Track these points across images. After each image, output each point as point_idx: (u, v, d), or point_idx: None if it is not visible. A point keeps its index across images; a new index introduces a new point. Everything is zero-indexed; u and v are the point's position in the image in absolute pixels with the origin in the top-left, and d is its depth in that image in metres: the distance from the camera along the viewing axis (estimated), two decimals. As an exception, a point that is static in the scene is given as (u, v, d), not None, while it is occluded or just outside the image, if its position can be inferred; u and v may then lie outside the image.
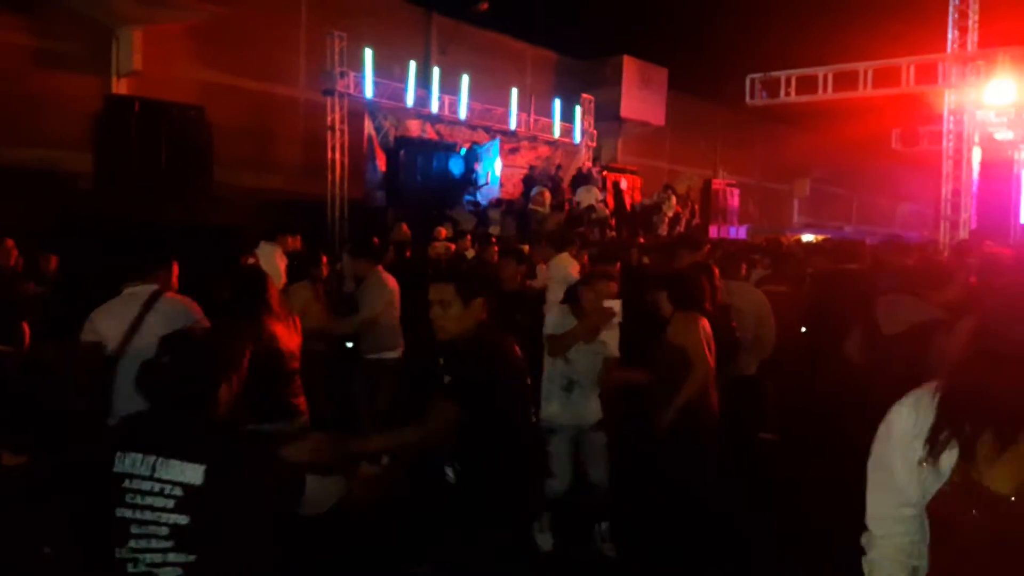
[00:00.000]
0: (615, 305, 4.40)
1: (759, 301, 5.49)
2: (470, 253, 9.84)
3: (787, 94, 16.34)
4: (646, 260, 8.37)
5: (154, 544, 2.09)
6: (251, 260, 6.68)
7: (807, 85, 16.10)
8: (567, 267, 6.74)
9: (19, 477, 2.75)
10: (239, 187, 13.37)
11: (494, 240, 9.63)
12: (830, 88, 15.79)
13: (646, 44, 22.50)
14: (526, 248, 8.54)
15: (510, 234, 14.11)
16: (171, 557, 2.09)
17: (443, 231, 12.05)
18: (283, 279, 6.79)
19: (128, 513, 2.11)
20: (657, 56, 23.74)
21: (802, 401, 5.42)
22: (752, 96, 16.66)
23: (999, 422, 1.54)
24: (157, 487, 2.10)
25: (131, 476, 2.12)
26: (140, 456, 2.13)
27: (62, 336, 3.84)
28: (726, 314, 5.15)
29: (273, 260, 6.98)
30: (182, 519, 2.09)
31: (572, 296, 4.69)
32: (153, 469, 2.11)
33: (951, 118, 15.21)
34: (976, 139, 15.62)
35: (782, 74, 16.31)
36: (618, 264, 6.05)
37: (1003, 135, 17.85)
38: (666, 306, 4.48)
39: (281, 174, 15.97)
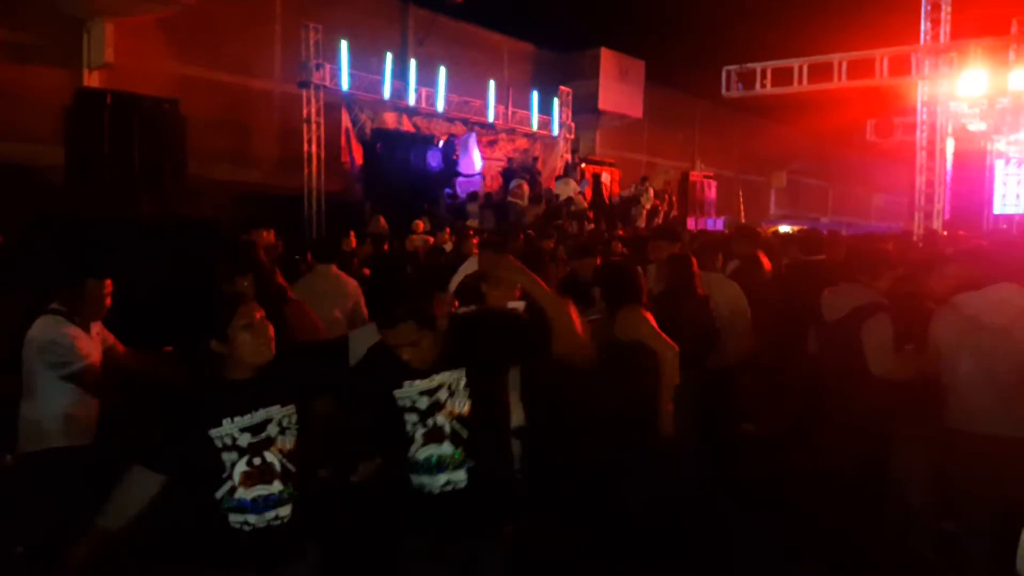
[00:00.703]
0: (519, 307, 3.82)
1: (734, 293, 5.51)
2: (448, 246, 9.83)
3: (763, 86, 16.41)
4: (625, 252, 8.39)
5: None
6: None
7: (782, 77, 16.17)
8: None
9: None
10: (214, 181, 13.22)
11: (472, 233, 9.61)
12: (805, 80, 15.87)
13: (623, 36, 22.52)
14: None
15: (489, 227, 14.09)
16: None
17: (420, 224, 12.03)
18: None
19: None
20: (634, 48, 23.76)
21: (774, 393, 5.47)
22: (728, 88, 16.71)
23: None
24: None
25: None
26: None
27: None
28: (705, 305, 5.16)
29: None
30: None
31: (472, 295, 4.12)
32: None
33: (924, 109, 15.35)
34: (949, 130, 15.79)
35: (758, 66, 16.37)
36: (598, 258, 6.05)
37: (976, 126, 18.07)
38: (600, 303, 4.33)
39: (257, 167, 15.84)
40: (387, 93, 16.60)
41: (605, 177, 19.81)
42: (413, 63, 17.39)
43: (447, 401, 2.66)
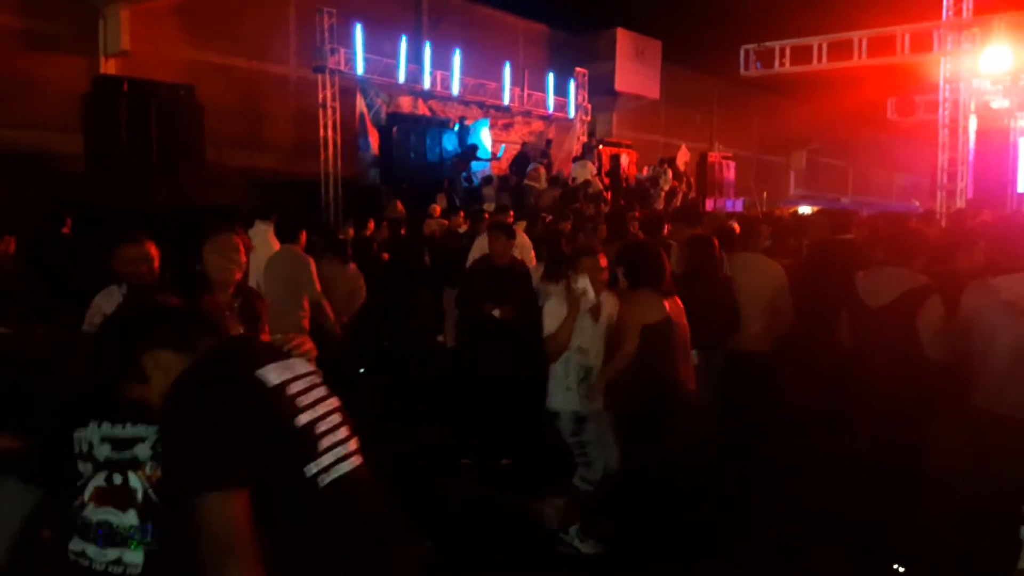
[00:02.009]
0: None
1: (769, 274, 5.34)
2: (463, 229, 9.79)
3: (781, 64, 16.23)
4: (641, 235, 8.32)
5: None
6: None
7: (801, 55, 15.97)
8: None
9: (17, 459, 2.71)
10: (231, 167, 13.26)
11: (487, 216, 9.57)
12: (824, 58, 15.67)
13: (639, 16, 22.30)
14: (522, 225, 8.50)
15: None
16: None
17: (437, 208, 12.00)
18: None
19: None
20: (651, 28, 23.53)
21: (803, 379, 5.36)
22: (747, 67, 16.53)
23: None
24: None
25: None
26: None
27: (46, 320, 3.79)
28: (727, 287, 5.09)
29: (268, 239, 6.93)
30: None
31: (557, 273, 4.47)
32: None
33: (947, 87, 15.12)
34: (972, 108, 15.54)
35: (776, 44, 16.18)
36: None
37: (999, 103, 17.75)
38: (622, 282, 4.33)
39: (273, 153, 15.85)
40: (402, 77, 16.53)
41: (623, 159, 19.67)
42: (428, 46, 17.30)
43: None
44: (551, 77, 20.24)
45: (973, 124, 15.81)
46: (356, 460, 1.97)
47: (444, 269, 8.45)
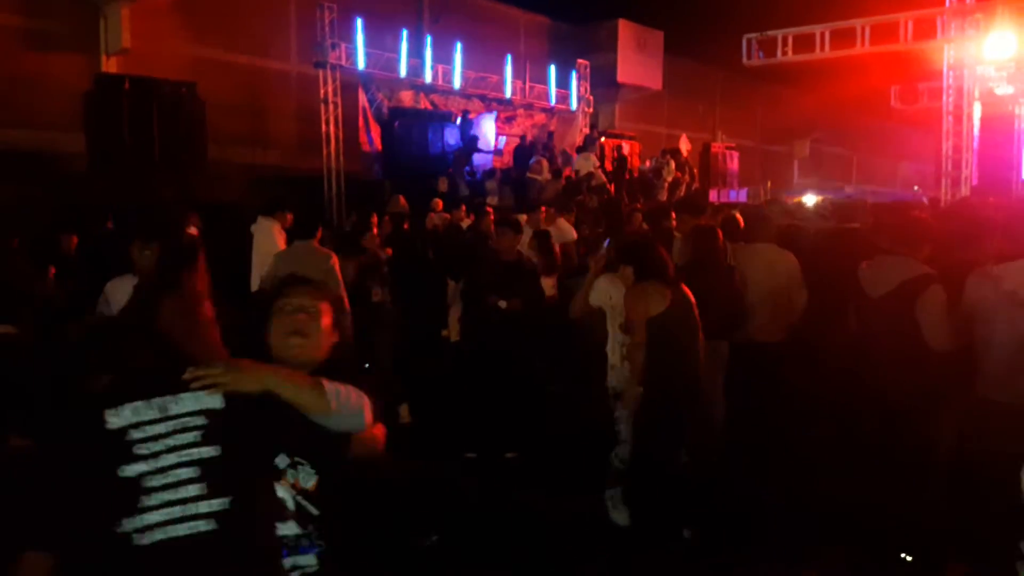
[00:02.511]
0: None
1: (779, 265, 5.29)
2: (465, 223, 9.79)
3: (784, 53, 16.14)
4: (646, 226, 8.29)
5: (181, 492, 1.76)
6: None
7: (804, 44, 15.89)
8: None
9: (26, 459, 2.69)
10: (233, 163, 13.27)
11: (490, 210, 9.56)
12: (827, 46, 15.58)
13: (640, 7, 22.25)
14: (523, 219, 8.48)
15: (507, 204, 14.02)
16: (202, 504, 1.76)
17: (440, 202, 11.98)
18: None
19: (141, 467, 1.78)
20: (652, 19, 23.46)
21: (809, 369, 5.34)
22: (749, 56, 16.45)
23: None
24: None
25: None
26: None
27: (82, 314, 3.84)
28: (731, 278, 5.07)
29: (272, 235, 6.93)
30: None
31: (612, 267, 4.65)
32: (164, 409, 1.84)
33: (951, 74, 15.04)
34: (976, 94, 15.45)
35: (779, 33, 16.09)
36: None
37: (1003, 90, 17.64)
38: (627, 276, 4.38)
39: (276, 149, 15.86)
40: (403, 71, 16.50)
41: (625, 150, 19.64)
42: (429, 40, 17.25)
43: None
44: (553, 69, 20.17)
45: (977, 111, 15.72)
46: (205, 524, 1.74)
47: (447, 263, 8.45)
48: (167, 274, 2.28)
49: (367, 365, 7.66)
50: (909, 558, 3.93)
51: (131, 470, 1.74)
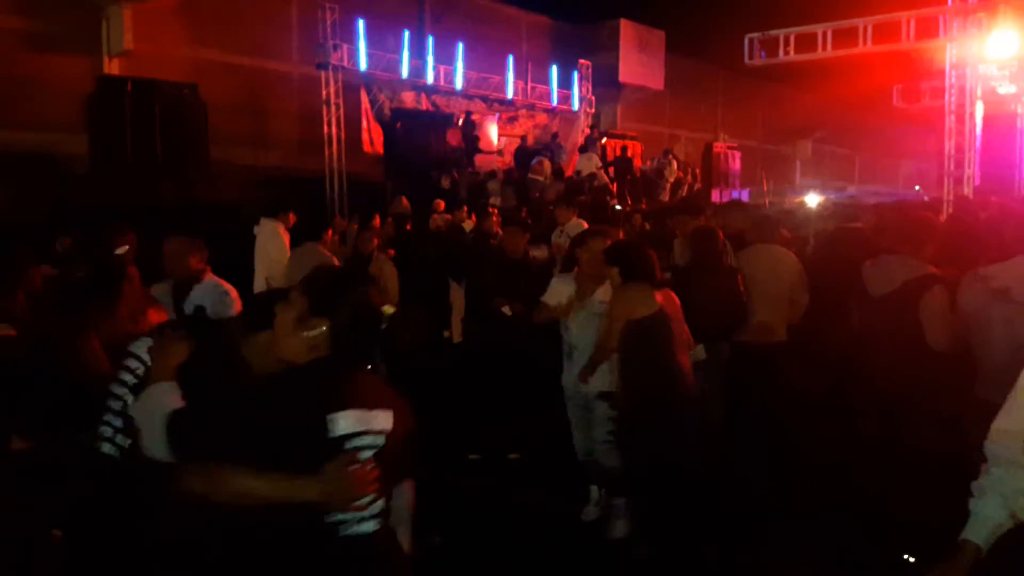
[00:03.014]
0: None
1: (781, 265, 5.28)
2: (468, 225, 9.79)
3: (786, 53, 16.09)
4: (647, 226, 8.33)
5: None
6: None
7: (806, 43, 15.85)
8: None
9: (27, 461, 2.70)
10: (235, 165, 13.28)
11: (493, 211, 9.57)
12: (829, 46, 15.53)
13: (642, 7, 22.25)
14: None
15: (510, 204, 14.03)
16: None
17: (442, 203, 11.99)
18: (287, 253, 6.76)
19: None
20: (654, 19, 23.46)
21: (810, 369, 5.33)
22: (751, 56, 16.40)
23: None
24: None
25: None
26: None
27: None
28: (732, 278, 5.05)
29: (275, 235, 6.94)
30: None
31: (569, 263, 4.61)
32: None
33: (953, 73, 14.98)
34: (979, 93, 15.41)
35: (781, 33, 16.05)
36: (620, 231, 5.98)
37: (1006, 89, 17.62)
38: (615, 278, 4.29)
39: (278, 150, 15.87)
40: (405, 72, 16.51)
41: (629, 152, 19.61)
42: (431, 41, 17.27)
43: None
44: (555, 70, 20.19)
45: (980, 110, 15.67)
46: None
47: (449, 264, 8.45)
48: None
49: (369, 367, 7.69)
50: (912, 559, 3.92)
51: None
